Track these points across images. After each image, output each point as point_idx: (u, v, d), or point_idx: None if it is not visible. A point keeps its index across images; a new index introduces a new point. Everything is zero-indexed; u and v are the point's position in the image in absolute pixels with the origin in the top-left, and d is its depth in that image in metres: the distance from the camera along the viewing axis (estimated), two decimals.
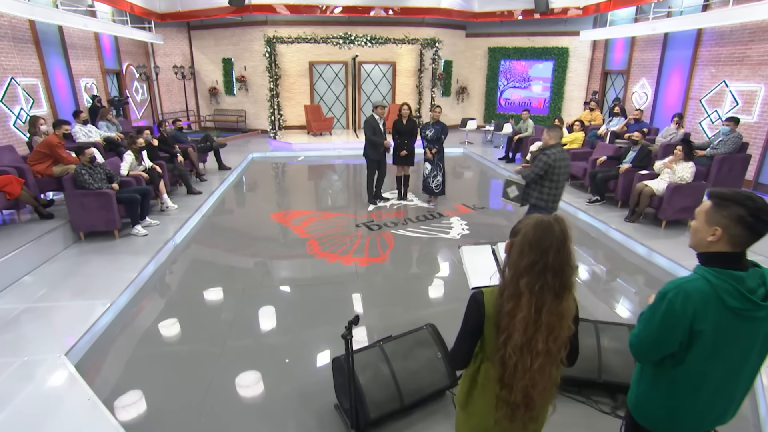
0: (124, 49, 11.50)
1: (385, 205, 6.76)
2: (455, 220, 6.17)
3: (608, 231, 5.60)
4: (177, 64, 13.41)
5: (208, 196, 6.82)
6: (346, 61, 12.86)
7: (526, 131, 9.23)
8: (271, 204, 6.96)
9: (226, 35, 13.03)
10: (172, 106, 14.19)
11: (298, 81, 13.15)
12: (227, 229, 5.91)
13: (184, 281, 4.43)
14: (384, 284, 4.32)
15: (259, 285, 4.30)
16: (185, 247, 5.22)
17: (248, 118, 13.92)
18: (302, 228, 5.82)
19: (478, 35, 13.64)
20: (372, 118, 6.14)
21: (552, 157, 3.72)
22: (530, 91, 13.48)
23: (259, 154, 10.81)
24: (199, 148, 8.14)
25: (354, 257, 4.90)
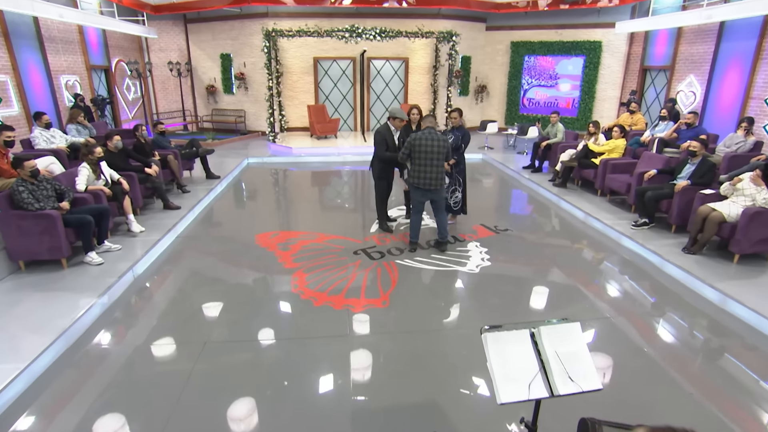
0: (113, 43, 10.94)
1: (391, 225, 5.93)
2: (474, 246, 5.31)
3: (663, 265, 4.66)
4: (173, 60, 12.81)
5: (187, 212, 6.10)
6: (354, 57, 12.15)
7: (555, 136, 8.32)
8: (258, 222, 6.20)
9: (225, 29, 12.42)
10: (167, 105, 13.63)
11: (301, 79, 12.47)
12: (202, 255, 5.15)
13: (133, 329, 3.66)
14: (381, 343, 3.49)
15: (225, 337, 3.51)
16: (147, 279, 4.47)
17: (248, 118, 13.29)
18: (290, 255, 5.03)
19: (499, 28, 12.83)
20: (385, 128, 5.26)
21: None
22: (557, 91, 12.64)
23: (256, 159, 10.13)
24: (183, 154, 7.46)
25: (347, 298, 4.07)
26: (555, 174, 7.64)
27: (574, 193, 7.06)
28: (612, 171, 6.51)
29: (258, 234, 5.66)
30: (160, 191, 6.01)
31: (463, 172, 5.68)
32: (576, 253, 5.25)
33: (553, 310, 3.91)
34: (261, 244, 5.36)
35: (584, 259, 5.10)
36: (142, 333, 3.55)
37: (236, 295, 4.15)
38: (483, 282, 4.43)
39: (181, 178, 6.98)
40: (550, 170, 8.29)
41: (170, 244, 5.30)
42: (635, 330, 3.61)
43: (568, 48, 12.09)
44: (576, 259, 5.09)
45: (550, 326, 1.88)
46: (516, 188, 8.18)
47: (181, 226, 5.77)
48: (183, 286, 4.36)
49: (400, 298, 4.10)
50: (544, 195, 7.39)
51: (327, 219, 6.41)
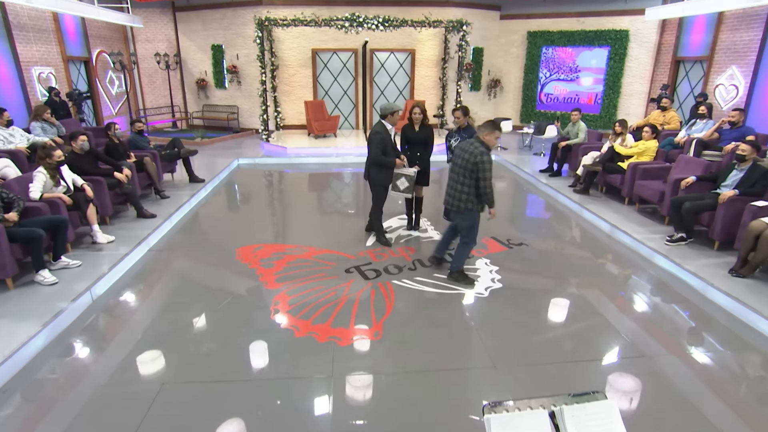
0: (94, 33, 10.70)
1: (390, 237, 5.54)
2: (483, 263, 4.90)
3: (706, 290, 4.21)
4: (161, 51, 12.56)
5: (163, 221, 5.76)
6: (356, 48, 11.85)
7: (577, 137, 7.87)
8: (242, 233, 5.84)
9: (216, 17, 12.17)
10: (155, 100, 13.39)
11: (298, 72, 12.20)
12: (173, 273, 4.80)
13: (79, 365, 3.29)
14: (370, 387, 3.08)
15: (185, 377, 3.13)
16: (107, 301, 4.11)
17: (241, 115, 13.03)
18: (273, 274, 4.65)
19: (515, 16, 12.47)
20: (381, 127, 4.85)
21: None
22: (578, 85, 12.27)
23: (247, 160, 9.83)
24: (164, 156, 7.14)
25: (334, 328, 3.68)
26: (576, 179, 7.25)
27: (597, 202, 6.63)
28: (642, 177, 6.07)
29: (240, 247, 5.30)
30: (132, 198, 5.68)
31: None
32: (601, 274, 4.81)
33: (575, 349, 3.48)
34: (242, 260, 5.00)
35: (611, 282, 4.65)
36: (88, 371, 3.18)
37: (206, 323, 3.78)
38: (493, 309, 4.02)
39: (159, 182, 6.65)
40: (570, 174, 7.88)
41: (140, 259, 4.95)
42: (678, 373, 3.17)
43: (590, 38, 11.69)
44: (601, 280, 4.66)
45: (576, 405, 1.47)
46: (532, 194, 7.77)
47: (155, 238, 5.43)
48: (147, 310, 3.99)
49: (396, 329, 3.69)
50: (564, 203, 6.97)
51: (319, 229, 6.04)
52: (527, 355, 3.38)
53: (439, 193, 6.98)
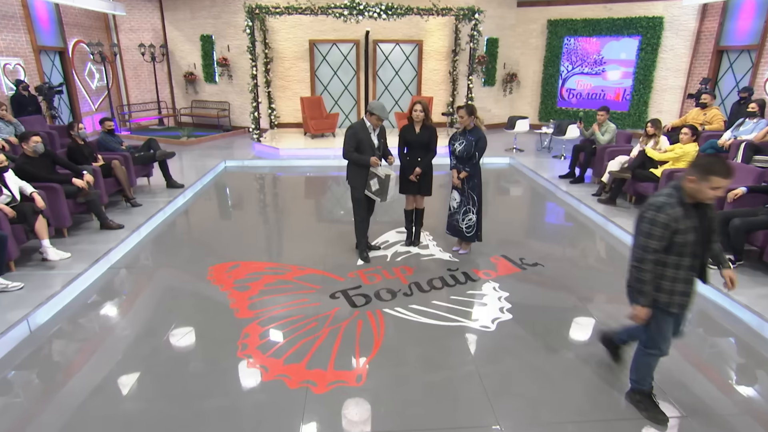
0: (70, 21, 10.51)
1: (385, 255, 5.17)
2: (490, 288, 4.50)
3: (763, 328, 3.75)
4: (147, 41, 12.35)
5: (130, 233, 5.46)
6: (358, 39, 11.61)
7: (603, 137, 7.43)
8: (218, 248, 5.50)
9: (205, 5, 11.99)
10: (140, 95, 13.21)
11: (295, 65, 11.97)
12: (132, 297, 4.45)
13: (5, 418, 2.94)
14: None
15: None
16: (48, 333, 3.77)
17: (233, 112, 12.81)
18: (246, 299, 4.29)
19: (533, 3, 12.21)
20: (359, 123, 4.65)
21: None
22: (604, 79, 11.96)
23: (235, 162, 9.57)
24: (137, 158, 6.85)
25: (309, 370, 3.30)
26: (601, 187, 6.88)
27: (626, 214, 6.21)
28: None
29: (213, 265, 4.97)
30: (95, 206, 5.36)
31: (478, 188, 4.91)
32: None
33: (599, 403, 3.05)
34: (214, 281, 4.65)
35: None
36: (8, 423, 2.82)
37: (160, 361, 3.41)
38: (500, 347, 3.60)
39: (130, 188, 6.34)
40: (594, 181, 7.49)
41: (96, 280, 4.62)
42: None
43: (619, 26, 11.33)
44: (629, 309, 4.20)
45: None
46: (550, 203, 7.37)
47: (118, 253, 5.11)
48: (95, 345, 3.64)
49: (383, 372, 3.30)
50: (587, 214, 6.55)
51: (307, 245, 5.68)
52: (539, 411, 2.96)
53: (443, 203, 6.57)
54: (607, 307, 4.23)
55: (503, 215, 6.87)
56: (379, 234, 5.77)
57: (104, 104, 12.02)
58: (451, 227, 5.14)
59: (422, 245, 5.45)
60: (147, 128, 12.95)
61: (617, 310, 4.14)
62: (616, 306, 4.25)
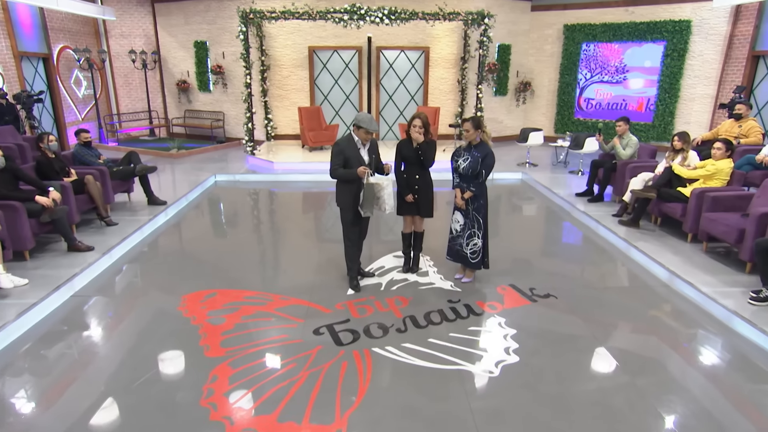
0: (57, 26, 10.55)
1: (379, 283, 4.92)
2: (496, 324, 4.20)
3: None
4: (138, 48, 12.36)
5: (100, 257, 5.26)
6: (360, 46, 11.56)
7: (624, 152, 7.19)
8: (197, 273, 5.28)
9: (199, 10, 12.00)
10: (131, 104, 13.21)
11: (293, 73, 11.92)
12: (92, 333, 4.21)
13: None
14: None
15: None
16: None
17: (228, 122, 12.77)
18: (219, 334, 4.03)
19: (549, 8, 12.13)
20: (345, 139, 4.47)
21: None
22: (625, 88, 11.79)
23: (225, 177, 9.45)
24: (115, 173, 6.71)
25: (281, 423, 3.01)
26: (622, 207, 6.61)
27: (651, 238, 5.90)
28: (711, 207, 5.31)
29: (188, 294, 4.73)
30: (61, 226, 5.16)
31: (484, 210, 4.65)
32: (658, 345, 4.01)
33: None
34: (186, 312, 4.40)
35: (672, 357, 3.85)
36: None
37: (111, 413, 3.14)
38: (505, 398, 3.29)
39: (104, 205, 6.14)
40: (615, 199, 7.24)
41: (55, 310, 4.38)
42: None
43: (642, 31, 11.17)
44: (659, 354, 3.87)
45: None
46: (565, 223, 7.11)
47: (84, 279, 4.88)
48: (42, 390, 3.38)
49: (366, 427, 2.99)
50: (606, 237, 6.26)
51: (294, 270, 5.45)
52: None
53: (444, 225, 6.30)
54: (631, 348, 3.89)
55: (513, 238, 6.59)
56: (374, 258, 5.54)
57: (92, 113, 11.98)
58: (453, 252, 4.88)
59: (421, 272, 5.20)
60: (137, 139, 12.91)
61: (642, 352, 3.80)
62: (642, 347, 3.92)
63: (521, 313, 4.38)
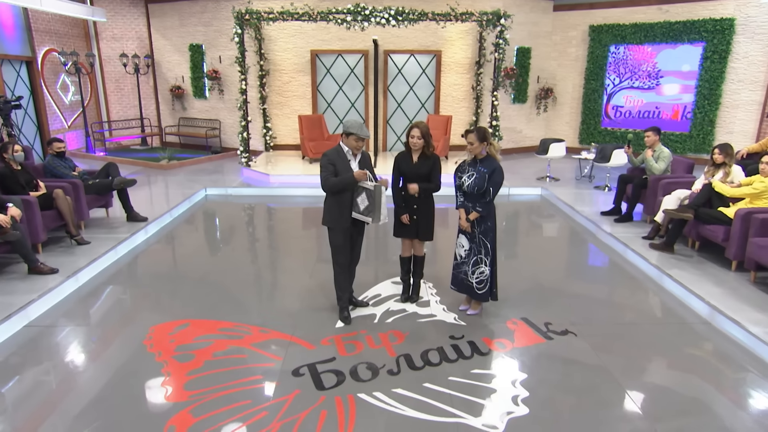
0: (42, 27, 10.64)
1: (373, 314, 4.65)
2: (503, 365, 3.90)
3: None
4: (130, 51, 12.42)
5: (63, 280, 5.08)
6: (366, 50, 11.56)
7: (656, 166, 6.98)
8: (171, 300, 5.08)
9: (195, 11, 12.07)
10: (123, 111, 13.26)
11: (294, 79, 11.95)
12: (40, 371, 3.95)
13: None
14: None
15: None
16: None
17: (224, 131, 12.77)
18: (184, 373, 3.77)
19: (573, 7, 12.07)
20: (336, 150, 4.29)
21: None
22: (659, 95, 11.61)
23: (217, 190, 9.39)
24: (90, 186, 6.60)
25: None
26: (654, 228, 6.37)
27: (687, 265, 5.57)
28: (760, 232, 5.00)
29: (157, 324, 4.50)
30: (20, 247, 4.96)
31: (492, 233, 4.38)
32: (697, 398, 3.63)
33: None
34: (152, 347, 4.16)
35: (713, 413, 3.47)
36: None
37: None
38: None
39: (74, 222, 5.97)
40: (646, 219, 6.98)
41: (3, 342, 4.16)
42: None
43: (677, 32, 10.97)
44: (698, 407, 3.49)
45: None
46: (589, 246, 6.84)
47: (41, 307, 4.67)
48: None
49: None
50: (635, 263, 5.95)
51: (277, 298, 5.22)
52: None
53: (447, 248, 5.99)
54: (666, 402, 3.51)
55: (528, 262, 6.28)
56: (370, 284, 5.28)
57: (79, 121, 11.98)
58: (458, 281, 4.59)
59: (422, 302, 4.93)
60: (128, 148, 12.91)
61: (680, 406, 3.43)
62: (679, 401, 3.54)
63: (534, 354, 4.06)
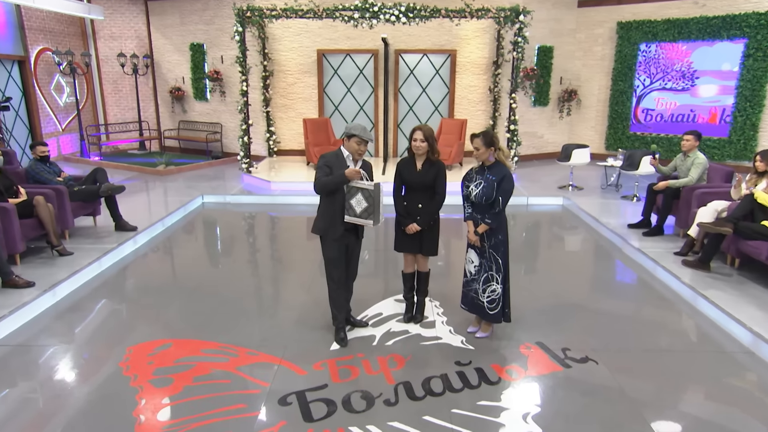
0: (35, 25, 10.78)
1: (372, 336, 4.51)
2: (514, 396, 3.70)
3: None
4: (129, 51, 12.58)
5: (39, 294, 5.00)
6: (376, 49, 11.65)
7: (689, 174, 6.85)
8: (155, 317, 4.99)
9: (196, 9, 12.23)
10: (120, 113, 13.42)
11: (300, 80, 12.07)
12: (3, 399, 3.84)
13: None
14: None
15: None
16: None
17: (226, 135, 12.89)
18: (161, 399, 3.63)
19: (599, 2, 12.12)
20: (335, 154, 4.25)
21: None
22: (694, 96, 11.50)
23: (214, 198, 9.41)
24: (75, 193, 6.58)
25: None
26: (688, 243, 6.20)
27: (726, 285, 5.35)
28: None
29: (136, 344, 4.39)
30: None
31: (504, 247, 4.24)
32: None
33: None
34: (128, 369, 4.04)
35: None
36: None
37: None
38: None
39: (56, 231, 5.91)
40: (678, 233, 6.85)
41: None
42: None
43: (715, 27, 10.85)
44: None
45: None
46: (615, 263, 6.66)
47: (13, 323, 4.59)
48: None
49: None
50: (666, 282, 5.75)
51: (269, 316, 5.08)
52: None
53: (457, 262, 5.82)
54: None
55: (547, 279, 6.11)
56: (370, 302, 5.14)
57: (74, 124, 12.10)
58: (468, 300, 4.45)
59: (426, 322, 4.78)
60: (125, 153, 13.00)
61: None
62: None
63: (549, 384, 3.86)
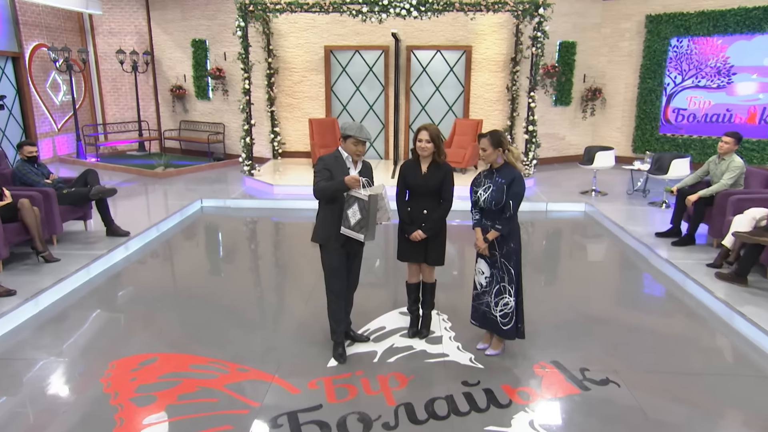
0: (31, 20, 10.90)
1: (374, 351, 4.43)
2: (525, 423, 3.57)
3: None
4: (128, 47, 12.72)
5: (20, 304, 4.97)
6: (387, 45, 11.73)
7: (722, 178, 6.72)
8: (141, 329, 4.94)
9: (198, 3, 12.36)
10: (119, 113, 13.55)
11: (306, 78, 12.15)
12: None
13: None
14: None
15: None
16: None
17: (228, 136, 12.98)
18: (141, 420, 3.57)
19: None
20: (333, 156, 4.23)
21: None
22: (730, 94, 11.39)
23: (214, 202, 9.46)
24: (64, 196, 6.59)
25: None
26: (723, 254, 6.06)
27: (764, 300, 5.20)
28: None
29: (120, 359, 4.34)
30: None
31: (516, 256, 4.13)
32: None
33: None
34: (109, 386, 3.97)
35: None
36: None
37: None
38: None
39: (41, 237, 5.89)
40: (711, 242, 6.74)
41: None
42: None
43: (755, 19, 10.69)
44: None
45: None
46: (642, 275, 6.51)
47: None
48: None
49: None
50: (698, 297, 5.60)
51: (264, 329, 5.02)
52: None
53: (466, 275, 5.70)
54: None
55: (565, 291, 5.99)
56: (373, 314, 5.07)
57: (70, 123, 12.21)
58: (479, 315, 4.35)
59: (433, 337, 4.68)
60: (124, 154, 13.10)
61: None
62: None
63: (565, 408, 3.72)
